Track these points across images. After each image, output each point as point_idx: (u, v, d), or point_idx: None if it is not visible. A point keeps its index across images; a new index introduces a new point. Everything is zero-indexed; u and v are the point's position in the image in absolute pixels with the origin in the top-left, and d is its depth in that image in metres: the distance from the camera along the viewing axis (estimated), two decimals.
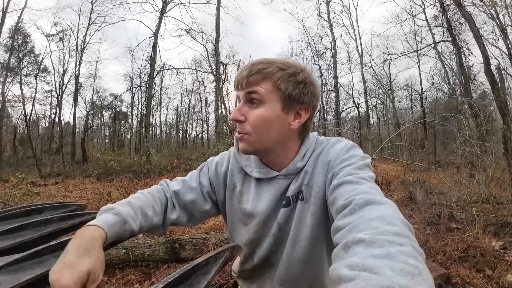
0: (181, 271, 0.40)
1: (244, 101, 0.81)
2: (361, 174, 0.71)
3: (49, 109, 24.02)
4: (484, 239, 3.54)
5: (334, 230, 0.59)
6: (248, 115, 0.79)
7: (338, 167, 0.76)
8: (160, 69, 20.77)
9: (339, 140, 0.87)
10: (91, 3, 21.18)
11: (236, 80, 0.82)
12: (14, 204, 5.19)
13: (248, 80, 0.78)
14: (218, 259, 0.47)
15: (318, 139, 0.91)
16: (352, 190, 0.64)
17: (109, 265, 3.23)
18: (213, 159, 1.01)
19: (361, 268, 0.40)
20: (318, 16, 23.26)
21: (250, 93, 0.79)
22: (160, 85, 28.16)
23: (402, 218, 0.52)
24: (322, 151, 0.85)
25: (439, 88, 23.42)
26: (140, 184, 9.31)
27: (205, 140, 31.13)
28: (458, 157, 7.04)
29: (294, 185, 0.84)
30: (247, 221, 0.92)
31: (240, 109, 0.80)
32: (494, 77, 10.44)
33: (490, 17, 12.73)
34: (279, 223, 0.86)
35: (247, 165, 0.92)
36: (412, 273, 0.38)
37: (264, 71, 0.78)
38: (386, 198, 0.60)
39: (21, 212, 0.79)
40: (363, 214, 0.55)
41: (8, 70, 19.24)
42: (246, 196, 0.91)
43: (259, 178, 0.89)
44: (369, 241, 0.45)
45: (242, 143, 0.82)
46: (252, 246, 0.94)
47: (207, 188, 0.96)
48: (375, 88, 25.89)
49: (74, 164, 18.04)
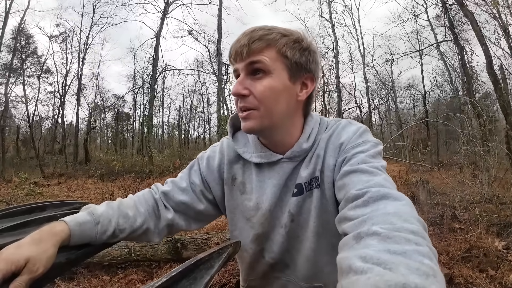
0: (184, 266, 0.40)
1: (246, 73, 0.72)
2: (375, 163, 0.67)
3: (52, 109, 24.24)
4: (487, 239, 3.53)
5: (342, 219, 0.57)
6: (253, 87, 0.71)
7: (350, 152, 0.71)
8: (162, 70, 20.89)
9: (350, 122, 0.81)
10: (94, 5, 21.34)
11: (233, 51, 0.73)
12: (16, 204, 5.21)
13: (250, 49, 0.70)
14: (221, 254, 0.46)
15: (322, 119, 0.85)
16: (366, 181, 0.61)
17: (112, 264, 3.24)
18: (203, 155, 0.93)
19: (375, 262, 0.39)
20: (320, 17, 23.24)
21: (253, 63, 0.71)
22: (162, 86, 28.21)
23: (418, 216, 0.51)
24: (333, 133, 0.79)
25: (441, 88, 23.41)
26: (143, 184, 9.32)
27: (207, 140, 31.17)
28: (461, 157, 7.04)
29: (306, 171, 0.78)
30: (251, 214, 0.84)
31: (242, 82, 0.72)
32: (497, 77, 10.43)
33: (492, 17, 12.68)
34: (291, 213, 0.79)
35: (245, 151, 0.84)
36: (427, 274, 0.37)
37: (266, 37, 0.70)
38: (402, 194, 0.57)
39: (24, 209, 0.79)
40: (378, 208, 0.53)
41: (11, 71, 19.34)
42: (249, 186, 0.84)
43: (260, 163, 0.82)
44: (385, 235, 0.44)
45: (248, 121, 0.73)
46: (260, 242, 0.85)
47: (199, 187, 0.87)
48: (378, 88, 25.89)
49: (77, 164, 18.10)
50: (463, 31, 14.92)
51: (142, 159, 16.05)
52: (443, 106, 23.45)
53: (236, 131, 0.91)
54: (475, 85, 15.48)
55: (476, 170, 6.70)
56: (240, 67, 0.73)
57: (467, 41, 14.98)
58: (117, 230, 0.72)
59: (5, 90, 18.95)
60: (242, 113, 0.74)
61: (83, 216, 0.68)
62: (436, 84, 23.25)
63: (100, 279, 3.00)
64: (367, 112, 24.02)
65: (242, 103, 0.73)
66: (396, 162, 10.10)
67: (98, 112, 27.48)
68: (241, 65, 0.72)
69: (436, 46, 19.16)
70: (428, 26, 19.14)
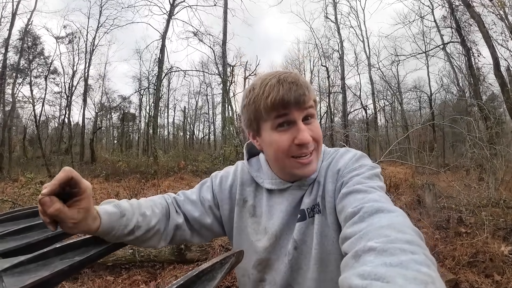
0: (186, 277, 0.40)
1: (302, 119, 0.76)
2: (370, 183, 0.69)
3: (59, 110, 24.47)
4: (493, 244, 3.49)
5: (342, 238, 0.58)
6: (311, 132, 0.76)
7: (347, 176, 0.74)
8: (167, 71, 20.97)
9: (348, 150, 0.86)
10: (100, 6, 21.53)
11: (291, 99, 0.73)
12: (22, 203, 5.25)
13: (309, 97, 0.75)
14: (223, 265, 0.46)
15: (326, 149, 0.89)
16: (361, 199, 0.63)
17: (116, 265, 3.26)
18: (217, 174, 0.97)
19: (373, 277, 0.39)
20: (325, 18, 23.27)
21: (310, 108, 0.76)
22: (168, 87, 28.42)
23: (412, 226, 0.51)
24: (332, 161, 0.83)
25: (448, 89, 23.26)
26: (148, 184, 9.37)
27: (211, 141, 31.33)
28: (468, 160, 6.97)
29: (309, 198, 0.81)
30: (258, 238, 0.85)
31: (306, 129, 0.75)
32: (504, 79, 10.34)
33: (499, 18, 12.60)
34: (295, 240, 0.80)
35: (257, 175, 0.88)
36: (425, 282, 0.37)
37: (309, 87, 0.77)
38: (395, 207, 0.58)
39: (28, 213, 0.79)
40: (372, 222, 0.54)
41: (18, 71, 19.54)
42: (259, 210, 0.87)
43: (271, 190, 0.85)
44: (381, 249, 0.44)
45: (313, 163, 0.78)
46: (262, 269, 0.85)
47: (209, 202, 0.90)
48: (383, 89, 25.81)
49: (83, 164, 18.24)
50: (470, 32, 14.81)
51: (147, 160, 16.13)
52: (450, 108, 23.28)
53: (250, 156, 0.96)
54: (482, 87, 15.36)
55: (482, 173, 6.64)
56: (297, 115, 0.75)
57: (473, 42, 14.89)
58: (136, 227, 0.74)
59: (12, 90, 19.18)
60: (304, 158, 0.76)
61: (110, 207, 0.70)
62: (443, 85, 23.16)
63: (104, 279, 3.02)
64: (373, 113, 23.95)
65: (308, 148, 0.76)
66: (401, 164, 10.04)
67: (104, 112, 27.71)
68: (298, 113, 0.75)
69: (442, 47, 19.04)
70: (435, 27, 19.04)
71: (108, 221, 0.68)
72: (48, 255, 0.60)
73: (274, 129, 0.77)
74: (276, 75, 0.77)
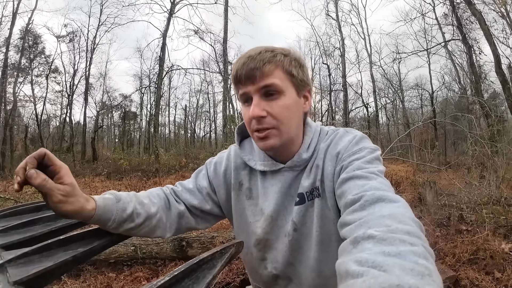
0: (187, 265, 0.41)
1: (260, 95, 0.74)
2: (371, 168, 0.68)
3: (60, 109, 24.55)
4: (494, 241, 3.49)
5: (341, 224, 0.58)
6: (270, 108, 0.74)
7: (347, 160, 0.73)
8: (168, 69, 20.97)
9: (347, 131, 0.84)
10: (101, 5, 21.51)
11: (241, 74, 0.74)
12: (24, 202, 5.27)
13: (262, 72, 0.72)
14: (223, 254, 0.47)
15: (322, 129, 0.87)
16: (362, 186, 0.62)
17: (118, 262, 3.27)
18: (211, 160, 0.98)
19: (370, 265, 0.40)
20: (326, 15, 23.21)
21: (268, 86, 0.73)
22: (169, 85, 28.43)
23: (414, 217, 0.52)
24: (331, 143, 0.81)
25: (449, 87, 23.20)
26: (149, 182, 9.38)
27: (213, 139, 31.35)
28: (469, 157, 6.97)
29: (308, 181, 0.80)
30: (256, 219, 0.87)
31: (259, 104, 0.74)
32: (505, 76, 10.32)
33: (500, 16, 12.57)
34: (294, 222, 0.81)
35: (250, 158, 0.88)
36: (422, 274, 0.37)
37: (274, 59, 0.74)
38: (398, 196, 0.58)
39: (32, 207, 0.80)
40: (373, 211, 0.53)
41: (19, 70, 19.57)
42: (255, 192, 0.87)
43: (264, 171, 0.85)
44: (380, 238, 0.45)
45: (268, 140, 0.76)
46: (261, 248, 0.87)
47: (206, 190, 0.91)
48: (385, 87, 25.77)
49: (84, 163, 18.26)
50: (471, 30, 14.78)
51: (148, 158, 16.14)
52: (451, 105, 23.25)
53: (243, 139, 0.95)
54: (483, 85, 15.35)
55: (484, 171, 6.61)
56: (252, 90, 0.75)
57: (475, 40, 14.86)
58: (135, 213, 0.75)
59: (13, 89, 19.20)
60: (260, 133, 0.76)
61: (105, 195, 0.73)
62: (444, 83, 23.09)
63: (106, 276, 3.03)
64: (374, 111, 23.90)
65: (259, 124, 0.75)
66: (403, 162, 10.04)
67: (106, 111, 27.74)
68: (253, 88, 0.74)
69: (444, 45, 19.00)
70: (436, 25, 19.01)
71: (103, 204, 0.69)
72: (52, 247, 0.61)
73: (242, 104, 0.79)
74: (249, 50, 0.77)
